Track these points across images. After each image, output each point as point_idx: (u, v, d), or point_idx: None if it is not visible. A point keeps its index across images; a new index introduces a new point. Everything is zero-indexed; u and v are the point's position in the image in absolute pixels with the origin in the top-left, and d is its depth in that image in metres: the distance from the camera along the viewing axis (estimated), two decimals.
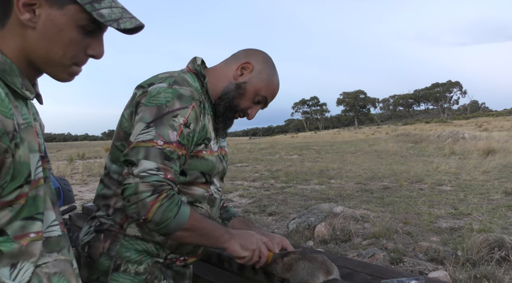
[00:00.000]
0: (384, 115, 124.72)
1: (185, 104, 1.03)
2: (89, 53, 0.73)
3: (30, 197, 0.67)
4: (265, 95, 1.19)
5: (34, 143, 0.69)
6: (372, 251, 3.57)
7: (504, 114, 58.05)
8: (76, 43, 0.70)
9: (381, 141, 21.43)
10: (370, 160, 12.72)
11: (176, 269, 1.16)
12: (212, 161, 1.13)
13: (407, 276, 1.18)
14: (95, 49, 0.73)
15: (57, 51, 0.69)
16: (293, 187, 7.65)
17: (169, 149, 0.99)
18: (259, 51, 1.23)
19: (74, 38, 0.69)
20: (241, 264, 1.39)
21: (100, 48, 0.74)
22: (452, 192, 6.46)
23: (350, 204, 5.72)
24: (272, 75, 1.20)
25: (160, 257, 1.11)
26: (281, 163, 12.70)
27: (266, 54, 1.23)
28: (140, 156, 0.96)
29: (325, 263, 1.18)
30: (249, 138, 63.14)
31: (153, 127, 0.98)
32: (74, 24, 0.69)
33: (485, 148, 12.25)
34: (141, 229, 1.08)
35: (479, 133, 19.72)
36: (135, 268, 1.06)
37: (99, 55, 0.74)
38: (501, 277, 2.89)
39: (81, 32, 0.70)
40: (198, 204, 1.14)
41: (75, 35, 0.69)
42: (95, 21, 0.70)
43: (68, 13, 0.68)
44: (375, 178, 8.44)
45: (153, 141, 0.97)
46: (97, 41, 0.73)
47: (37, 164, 0.69)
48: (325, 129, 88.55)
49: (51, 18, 0.67)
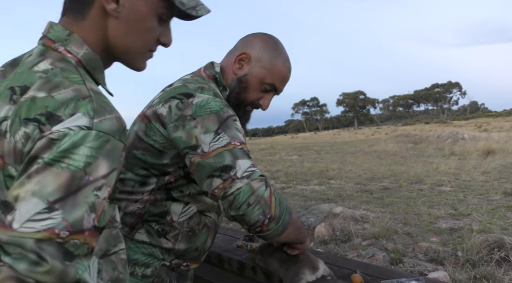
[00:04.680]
0: (384, 116, 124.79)
1: (234, 112, 1.00)
2: (162, 41, 0.74)
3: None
4: (271, 82, 1.11)
5: None
6: (372, 251, 3.57)
7: (504, 115, 58.09)
8: (154, 31, 0.72)
9: (380, 142, 21.42)
10: (370, 160, 12.72)
11: (179, 271, 1.15)
12: None
13: (407, 277, 1.18)
14: (167, 37, 0.75)
15: (138, 40, 0.70)
16: (293, 188, 7.65)
17: (246, 149, 0.96)
18: (257, 35, 1.15)
19: (152, 26, 0.71)
20: (241, 264, 1.39)
21: (170, 36, 0.76)
22: (451, 192, 6.46)
23: (350, 205, 5.72)
24: (273, 59, 1.10)
25: (166, 260, 1.09)
26: (281, 164, 12.70)
27: (264, 36, 1.14)
28: (230, 158, 0.90)
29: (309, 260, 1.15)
30: (249, 139, 63.18)
31: (223, 133, 0.92)
32: (153, 12, 0.70)
33: (484, 148, 12.25)
34: (149, 235, 1.05)
35: (479, 134, 19.71)
36: (142, 271, 1.04)
37: (169, 43, 0.76)
38: (500, 277, 2.90)
39: (158, 20, 0.72)
40: (207, 213, 1.11)
41: (153, 24, 0.71)
42: (170, 9, 0.72)
43: (149, 2, 0.69)
44: (375, 179, 8.45)
45: (231, 143, 0.92)
46: (168, 29, 0.75)
47: None
48: (325, 130, 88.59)
49: (134, 7, 0.68)
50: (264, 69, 1.10)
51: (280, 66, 1.11)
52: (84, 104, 0.57)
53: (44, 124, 0.55)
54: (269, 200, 0.89)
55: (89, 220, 0.55)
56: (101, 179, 0.56)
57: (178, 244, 1.08)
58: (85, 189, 0.54)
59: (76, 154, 0.54)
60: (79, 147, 0.54)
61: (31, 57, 0.65)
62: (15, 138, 0.56)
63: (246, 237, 1.56)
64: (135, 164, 1.03)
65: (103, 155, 0.56)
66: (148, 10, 0.69)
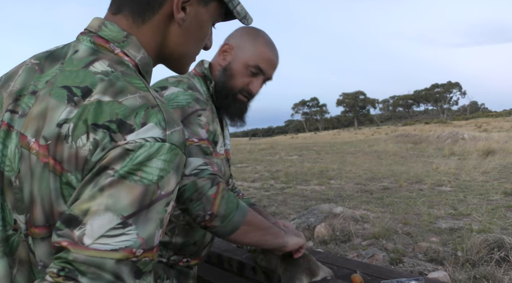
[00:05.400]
0: (383, 116, 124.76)
1: (203, 106, 1.03)
2: (206, 44, 0.75)
3: None
4: (255, 64, 1.11)
5: None
6: (372, 251, 3.58)
7: (504, 115, 58.11)
8: (207, 38, 0.73)
9: (380, 142, 21.42)
10: (369, 160, 12.72)
11: (179, 269, 1.16)
12: (217, 163, 1.12)
13: (406, 277, 1.18)
14: (210, 40, 0.76)
15: (196, 47, 0.71)
16: (293, 188, 7.65)
17: (205, 145, 0.98)
18: (239, 28, 1.18)
19: (208, 34, 0.72)
20: (241, 264, 1.39)
21: (212, 39, 0.77)
22: (451, 192, 6.46)
23: (350, 205, 5.72)
24: (254, 43, 1.12)
25: (163, 257, 1.11)
26: (281, 164, 12.70)
27: (246, 27, 1.17)
28: None
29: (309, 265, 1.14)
30: (249, 139, 63.08)
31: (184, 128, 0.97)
32: (211, 20, 0.71)
33: (484, 148, 12.24)
34: None
35: (479, 134, 19.71)
36: None
37: (210, 46, 0.77)
38: (500, 277, 2.90)
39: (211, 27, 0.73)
40: None
41: (209, 31, 0.72)
42: (224, 17, 0.73)
43: (210, 10, 0.70)
44: (375, 179, 8.45)
45: (189, 140, 0.96)
46: (211, 34, 0.76)
47: None
48: (325, 130, 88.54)
49: (198, 15, 0.68)
50: (247, 53, 1.12)
51: (262, 48, 1.12)
52: (154, 114, 0.54)
53: (115, 132, 0.52)
54: (212, 197, 0.92)
55: (158, 236, 0.53)
56: (171, 193, 0.54)
57: (175, 238, 1.10)
58: (157, 203, 0.52)
59: (150, 167, 0.51)
60: (153, 159, 0.52)
61: (79, 54, 0.60)
62: (78, 144, 0.52)
63: None
64: None
65: (173, 168, 0.54)
66: (207, 18, 0.70)
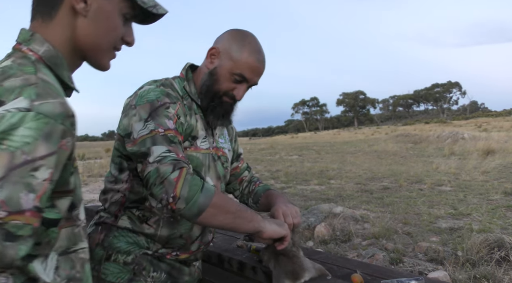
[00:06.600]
0: (383, 116, 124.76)
1: (173, 100, 1.08)
2: (126, 39, 0.79)
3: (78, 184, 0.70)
4: (239, 72, 1.13)
5: None
6: (372, 251, 3.58)
7: (504, 114, 58.11)
8: (119, 30, 0.77)
9: (380, 141, 21.43)
10: (370, 160, 12.72)
11: (170, 263, 1.17)
12: (198, 157, 1.15)
13: (406, 276, 1.18)
14: (130, 36, 0.80)
15: (105, 38, 0.75)
16: (293, 187, 7.65)
17: (171, 134, 1.02)
18: (228, 30, 1.19)
19: (117, 25, 0.76)
20: (241, 264, 1.39)
21: (133, 35, 0.81)
22: (451, 192, 6.46)
23: (350, 204, 5.72)
24: (240, 50, 1.13)
25: (150, 249, 1.13)
26: (281, 163, 12.70)
27: (234, 30, 1.18)
28: (148, 145, 0.99)
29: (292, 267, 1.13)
30: (249, 139, 63.14)
31: (150, 121, 1.01)
32: (118, 12, 0.75)
33: (484, 148, 12.24)
34: (131, 221, 1.11)
35: (479, 134, 19.72)
36: (124, 258, 1.09)
37: (132, 42, 0.81)
38: (500, 277, 2.90)
39: (122, 20, 0.77)
40: None
41: (118, 23, 0.76)
42: (133, 9, 0.77)
43: (114, 1, 0.74)
44: (375, 178, 8.45)
45: (155, 130, 1.01)
46: (131, 29, 0.81)
47: None
48: (325, 130, 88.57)
49: (101, 6, 0.73)
50: (231, 60, 1.13)
51: (246, 57, 1.13)
52: (28, 90, 0.58)
53: None
54: (174, 180, 0.94)
55: (28, 200, 0.55)
56: (39, 159, 0.56)
57: (161, 230, 1.12)
58: (21, 168, 0.54)
59: (15, 135, 0.54)
60: (18, 128, 0.55)
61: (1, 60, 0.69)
62: None
63: (246, 237, 1.56)
64: (114, 154, 1.14)
65: (42, 135, 0.56)
66: (113, 9, 0.74)
